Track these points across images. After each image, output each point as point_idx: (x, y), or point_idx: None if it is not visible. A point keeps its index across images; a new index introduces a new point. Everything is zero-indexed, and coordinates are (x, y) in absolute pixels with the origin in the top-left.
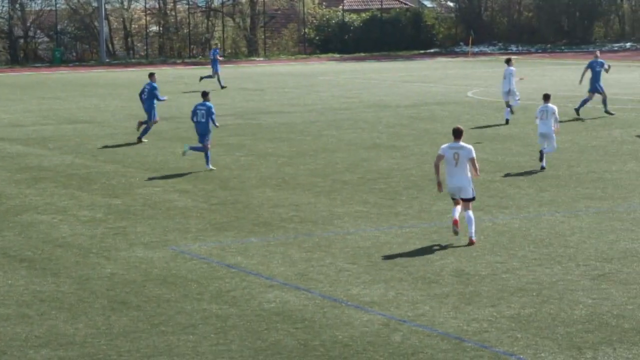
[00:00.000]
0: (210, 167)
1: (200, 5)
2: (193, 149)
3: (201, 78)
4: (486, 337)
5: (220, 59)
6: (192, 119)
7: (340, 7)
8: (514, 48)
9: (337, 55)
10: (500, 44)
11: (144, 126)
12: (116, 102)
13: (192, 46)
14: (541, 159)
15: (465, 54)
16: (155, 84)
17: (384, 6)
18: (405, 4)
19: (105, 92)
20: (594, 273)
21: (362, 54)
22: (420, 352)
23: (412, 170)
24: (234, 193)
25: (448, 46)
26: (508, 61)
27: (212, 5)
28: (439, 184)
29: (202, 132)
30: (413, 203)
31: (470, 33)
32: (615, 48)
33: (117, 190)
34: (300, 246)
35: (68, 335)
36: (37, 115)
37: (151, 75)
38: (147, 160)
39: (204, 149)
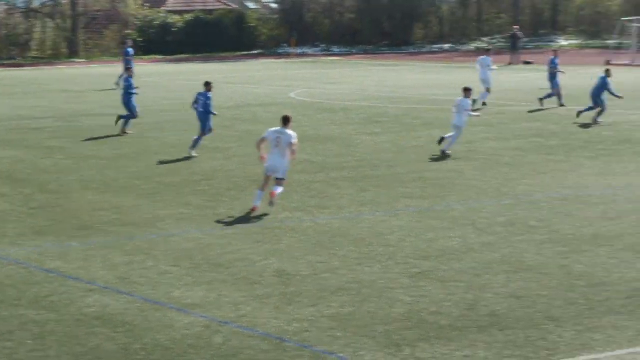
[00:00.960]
0: (193, 153)
1: (19, 6)
2: (196, 142)
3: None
4: (307, 336)
5: (129, 58)
6: (193, 107)
7: (162, 8)
8: (336, 49)
9: (160, 57)
10: (323, 45)
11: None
12: None
13: (10, 47)
14: (440, 142)
15: (288, 55)
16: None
17: (207, 7)
18: (229, 5)
19: None
20: (413, 271)
21: (185, 56)
22: (241, 354)
23: (234, 171)
24: (54, 197)
25: (271, 47)
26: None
27: (32, 6)
28: (262, 157)
29: (202, 119)
30: (235, 204)
31: (292, 34)
32: (435, 49)
33: None
34: (122, 249)
35: None
36: None
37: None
38: None
39: (201, 137)
